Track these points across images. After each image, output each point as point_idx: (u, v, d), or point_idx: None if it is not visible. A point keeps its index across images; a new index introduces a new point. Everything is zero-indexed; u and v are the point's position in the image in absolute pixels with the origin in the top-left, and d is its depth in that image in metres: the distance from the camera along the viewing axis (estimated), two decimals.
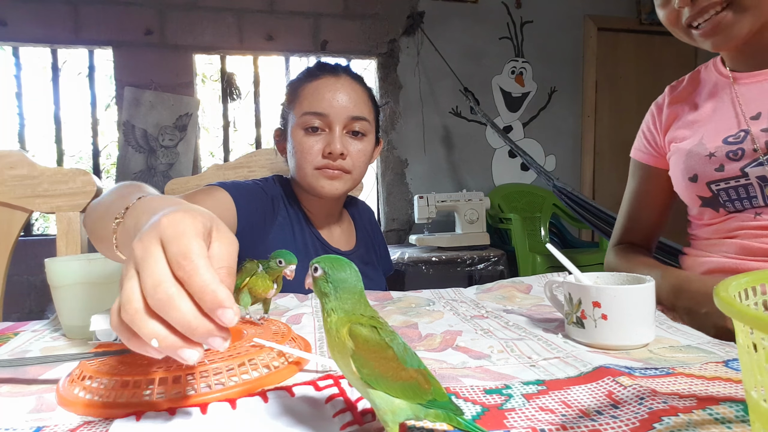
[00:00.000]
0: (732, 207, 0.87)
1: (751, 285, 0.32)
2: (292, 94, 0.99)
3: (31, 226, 3.30)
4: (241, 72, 3.44)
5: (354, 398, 0.43)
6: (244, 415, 0.41)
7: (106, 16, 3.05)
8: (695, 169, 0.89)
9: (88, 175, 1.02)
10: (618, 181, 3.87)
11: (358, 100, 0.96)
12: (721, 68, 0.94)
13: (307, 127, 0.94)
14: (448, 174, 3.63)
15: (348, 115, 0.94)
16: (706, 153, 0.87)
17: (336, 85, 0.95)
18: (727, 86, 0.91)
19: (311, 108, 0.94)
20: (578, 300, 0.59)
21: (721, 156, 0.85)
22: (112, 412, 0.42)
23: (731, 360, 0.51)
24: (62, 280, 0.66)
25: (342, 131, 0.95)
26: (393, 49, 3.46)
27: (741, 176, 0.83)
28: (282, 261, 0.63)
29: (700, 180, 0.88)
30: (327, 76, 0.96)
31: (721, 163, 0.85)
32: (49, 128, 3.19)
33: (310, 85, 0.96)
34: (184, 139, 3.21)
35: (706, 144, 0.88)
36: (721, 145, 0.86)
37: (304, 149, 0.94)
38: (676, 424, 0.37)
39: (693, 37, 0.87)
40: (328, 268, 0.36)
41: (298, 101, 0.97)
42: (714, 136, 0.88)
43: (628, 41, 3.94)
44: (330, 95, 0.94)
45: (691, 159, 0.89)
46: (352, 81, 0.98)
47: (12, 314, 2.87)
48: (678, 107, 0.98)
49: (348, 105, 0.95)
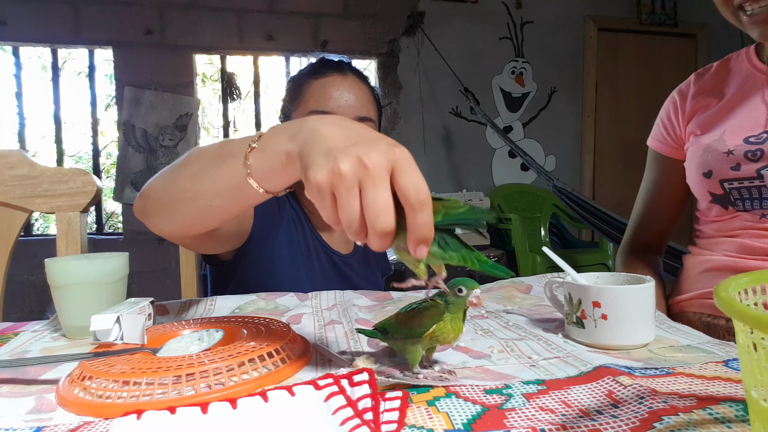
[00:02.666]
0: (741, 206, 0.86)
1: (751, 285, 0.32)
2: (296, 91, 0.97)
3: (31, 226, 3.30)
4: (241, 72, 3.44)
5: (354, 397, 0.43)
6: (244, 415, 0.41)
7: (106, 16, 3.05)
8: (711, 164, 0.87)
9: (88, 175, 1.02)
10: (618, 181, 3.87)
11: (364, 99, 0.95)
12: (755, 61, 0.89)
13: None
14: (448, 174, 3.63)
15: (355, 115, 0.93)
16: (724, 150, 0.85)
17: (344, 84, 0.93)
18: (760, 82, 0.87)
19: (318, 107, 0.92)
20: (578, 300, 0.59)
21: (739, 155, 0.83)
22: (112, 412, 0.42)
23: (731, 360, 0.51)
24: (62, 280, 0.66)
25: None
26: (393, 49, 3.46)
27: (756, 177, 0.82)
28: (462, 289, 0.49)
29: (714, 176, 0.86)
30: (334, 74, 0.94)
31: (738, 162, 0.83)
32: (49, 128, 3.20)
33: (316, 83, 0.94)
34: (184, 139, 3.21)
35: (726, 140, 0.85)
36: (741, 143, 0.84)
37: None
38: (676, 423, 0.37)
39: (740, 20, 0.82)
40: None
41: (302, 99, 0.95)
42: (736, 134, 0.85)
43: (628, 41, 3.94)
44: (337, 94, 0.92)
45: (708, 154, 0.87)
46: (358, 80, 0.96)
47: (12, 314, 2.87)
48: (703, 98, 0.94)
49: (355, 105, 0.93)
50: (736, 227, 0.87)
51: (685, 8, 3.94)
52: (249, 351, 0.50)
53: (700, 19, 3.91)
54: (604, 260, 3.12)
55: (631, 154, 3.82)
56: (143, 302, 0.64)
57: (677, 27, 3.93)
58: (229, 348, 0.52)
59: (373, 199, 0.40)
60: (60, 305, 0.67)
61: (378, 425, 0.39)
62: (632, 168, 3.91)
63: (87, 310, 0.63)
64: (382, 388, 0.45)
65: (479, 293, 0.50)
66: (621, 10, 3.87)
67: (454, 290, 0.49)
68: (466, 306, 0.50)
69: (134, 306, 0.61)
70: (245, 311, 0.78)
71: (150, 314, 0.65)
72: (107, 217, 4.20)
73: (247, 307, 0.80)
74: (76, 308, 0.66)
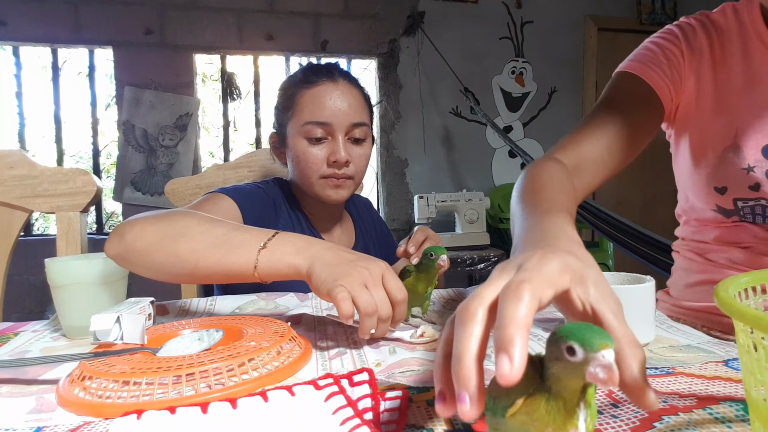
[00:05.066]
0: (751, 219, 0.78)
1: (751, 285, 0.32)
2: (289, 101, 0.97)
3: (31, 226, 3.30)
4: (241, 72, 3.44)
5: (354, 397, 0.43)
6: (244, 414, 0.41)
7: (106, 15, 3.05)
8: (726, 181, 0.75)
9: (88, 175, 1.02)
10: (618, 181, 3.87)
11: (357, 105, 0.96)
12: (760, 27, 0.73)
13: (309, 137, 0.93)
14: (448, 174, 3.63)
15: (349, 122, 0.94)
16: (743, 165, 0.73)
17: (335, 91, 0.94)
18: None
19: (313, 117, 0.93)
20: None
21: (760, 174, 0.72)
22: (112, 412, 0.42)
23: (731, 360, 0.51)
24: (62, 280, 0.66)
25: (344, 138, 0.94)
26: (393, 49, 3.46)
27: None
28: (432, 254, 0.67)
29: (729, 194, 0.76)
30: (325, 82, 0.95)
31: (758, 182, 0.72)
32: (49, 128, 3.19)
33: (308, 92, 0.95)
34: (184, 138, 3.21)
35: (743, 150, 0.73)
36: (761, 159, 0.72)
37: (309, 159, 0.94)
38: (676, 423, 0.37)
39: None
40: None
41: (296, 108, 0.95)
42: (753, 139, 0.73)
43: (628, 41, 3.93)
44: (330, 102, 0.93)
45: (724, 168, 0.74)
46: (350, 86, 0.97)
47: (12, 314, 2.87)
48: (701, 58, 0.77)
49: (349, 112, 0.94)
50: (740, 239, 0.80)
51: (685, 8, 3.93)
52: (249, 351, 0.50)
53: None
54: (604, 260, 3.12)
55: None
56: (143, 302, 0.64)
57: None
58: (229, 348, 0.52)
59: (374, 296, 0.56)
60: (60, 305, 0.67)
61: (378, 425, 0.39)
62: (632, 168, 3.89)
63: (87, 310, 0.63)
64: (382, 388, 0.45)
65: (446, 258, 0.67)
66: (621, 10, 3.86)
67: (427, 255, 0.67)
68: (437, 268, 0.67)
69: (134, 306, 0.61)
70: (245, 311, 0.78)
71: (150, 314, 0.65)
72: (107, 217, 4.20)
73: (247, 307, 0.80)
74: (76, 308, 0.66)
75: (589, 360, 0.26)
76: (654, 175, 3.78)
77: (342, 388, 0.44)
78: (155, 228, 0.66)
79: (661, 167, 4.05)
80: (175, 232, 0.65)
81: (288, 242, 0.62)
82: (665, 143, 0.94)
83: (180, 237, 0.64)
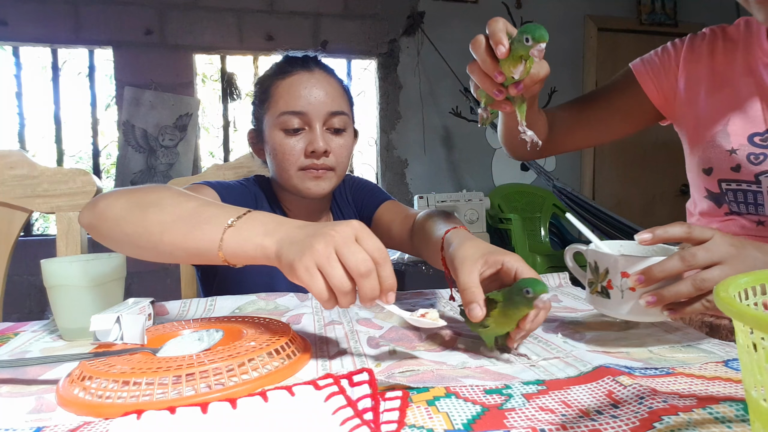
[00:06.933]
0: (736, 208, 0.84)
1: (751, 285, 0.32)
2: (264, 93, 0.95)
3: (31, 226, 3.30)
4: (241, 72, 3.44)
5: (354, 397, 0.43)
6: (244, 415, 0.41)
7: (106, 16, 3.05)
8: (712, 161, 0.84)
9: (88, 175, 1.02)
10: (618, 181, 3.87)
11: (334, 94, 0.93)
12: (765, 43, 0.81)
13: (286, 128, 0.91)
14: (448, 174, 3.63)
15: (327, 111, 0.91)
16: (728, 147, 0.81)
17: (311, 80, 0.92)
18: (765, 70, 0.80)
19: (288, 107, 0.90)
20: (605, 269, 0.57)
21: (742, 156, 0.80)
22: (112, 412, 0.42)
23: (731, 360, 0.51)
24: (57, 281, 0.66)
25: (322, 128, 0.91)
26: (393, 49, 3.46)
27: (753, 182, 0.80)
28: (529, 291, 0.51)
29: (714, 175, 0.84)
30: (300, 72, 0.93)
31: (739, 163, 0.80)
32: (49, 128, 3.19)
33: (283, 83, 0.93)
34: (184, 139, 3.21)
35: (731, 135, 0.81)
36: (745, 144, 0.80)
37: (286, 151, 0.91)
38: (676, 423, 0.37)
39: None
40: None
41: (272, 100, 0.93)
42: (741, 128, 0.81)
43: (628, 41, 3.94)
44: (306, 92, 0.91)
45: (711, 149, 0.83)
46: (326, 75, 0.95)
47: (12, 314, 2.87)
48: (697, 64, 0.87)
49: (326, 100, 0.91)
50: (732, 231, 0.84)
51: (685, 8, 3.94)
52: (249, 351, 0.50)
53: (700, 19, 3.90)
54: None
55: (631, 154, 3.82)
56: (143, 302, 0.64)
57: (677, 27, 3.92)
58: (229, 348, 0.52)
59: (348, 256, 0.49)
60: (55, 307, 0.66)
61: (378, 425, 0.39)
62: (632, 168, 3.93)
63: (82, 312, 0.63)
64: (382, 388, 0.45)
65: (548, 298, 0.51)
66: (621, 10, 3.87)
67: (521, 291, 0.51)
68: (532, 308, 0.52)
69: (134, 306, 0.61)
70: (245, 311, 0.78)
71: (150, 314, 0.65)
72: None
73: (247, 307, 0.80)
74: (71, 310, 0.65)
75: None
76: (654, 175, 3.79)
77: (342, 388, 0.44)
78: (127, 198, 0.63)
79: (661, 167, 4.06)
80: (146, 202, 0.62)
81: (258, 222, 0.56)
82: (665, 144, 0.96)
83: (150, 207, 0.61)
